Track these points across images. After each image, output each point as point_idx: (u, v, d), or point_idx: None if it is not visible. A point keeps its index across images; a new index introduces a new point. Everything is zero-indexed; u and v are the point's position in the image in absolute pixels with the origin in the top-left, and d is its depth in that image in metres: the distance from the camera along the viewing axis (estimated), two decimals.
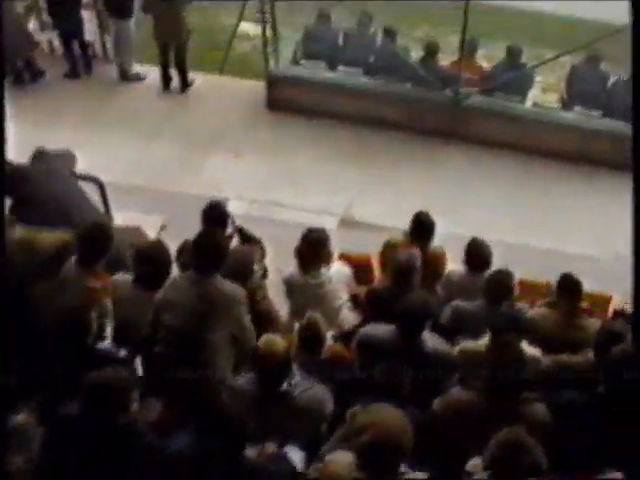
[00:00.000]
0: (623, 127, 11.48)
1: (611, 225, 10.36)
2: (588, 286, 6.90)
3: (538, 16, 14.96)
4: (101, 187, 8.19)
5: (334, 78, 12.44)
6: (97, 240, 6.41)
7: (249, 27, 13.70)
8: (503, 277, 6.75)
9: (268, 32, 12.18)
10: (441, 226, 7.65)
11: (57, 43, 13.20)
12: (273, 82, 12.50)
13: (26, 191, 7.10)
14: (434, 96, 12.01)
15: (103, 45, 13.39)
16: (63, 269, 6.38)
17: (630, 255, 5.23)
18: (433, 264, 7.44)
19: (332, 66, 12.55)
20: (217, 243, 6.17)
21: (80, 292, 6.21)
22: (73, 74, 13.06)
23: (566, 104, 12.23)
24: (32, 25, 13.11)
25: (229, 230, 7.22)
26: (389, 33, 12.32)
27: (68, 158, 7.85)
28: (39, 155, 7.54)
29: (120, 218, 8.36)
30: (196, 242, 6.15)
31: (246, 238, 7.33)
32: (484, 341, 6.03)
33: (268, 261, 7.23)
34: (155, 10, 12.24)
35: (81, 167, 8.00)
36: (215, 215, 7.15)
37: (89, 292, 6.23)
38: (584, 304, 6.87)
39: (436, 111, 12.07)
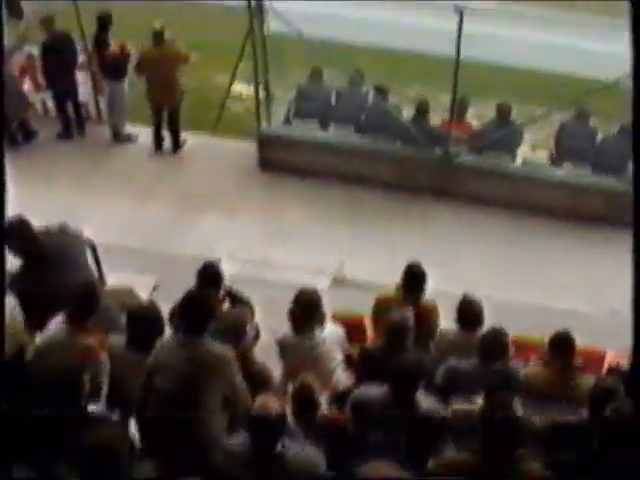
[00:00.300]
0: (613, 183, 11.59)
1: (603, 281, 10.42)
2: (581, 342, 6.89)
3: (526, 72, 15.13)
4: (93, 248, 8.20)
5: (326, 137, 12.53)
6: (86, 298, 6.51)
7: (242, 87, 13.81)
8: (497, 335, 6.72)
9: (261, 92, 12.30)
10: (433, 283, 7.67)
11: (51, 104, 13.26)
12: (265, 142, 12.58)
13: (44, 252, 7.16)
14: (425, 155, 12.09)
15: (97, 106, 13.47)
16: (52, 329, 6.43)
17: (625, 311, 5.23)
18: (426, 317, 7.46)
19: (324, 125, 12.64)
20: (203, 303, 6.16)
21: (73, 351, 6.23)
22: (66, 135, 13.14)
23: (556, 161, 12.30)
24: (27, 86, 13.19)
25: (220, 292, 7.22)
26: (380, 91, 12.43)
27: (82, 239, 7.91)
28: (63, 228, 7.61)
29: (113, 279, 8.37)
30: (182, 304, 6.16)
31: (236, 300, 7.33)
32: (478, 401, 6.01)
33: (260, 322, 7.22)
34: (149, 71, 12.34)
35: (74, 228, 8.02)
36: (209, 276, 7.16)
37: (85, 351, 6.25)
38: (578, 360, 6.86)
39: (427, 169, 12.15)
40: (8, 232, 6.88)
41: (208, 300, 6.30)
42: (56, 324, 6.47)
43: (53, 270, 7.03)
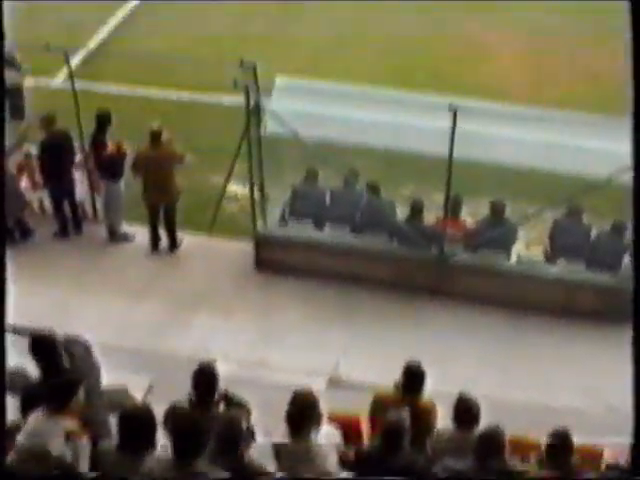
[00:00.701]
0: (607, 279, 11.61)
1: (600, 377, 10.37)
2: (579, 439, 6.85)
3: (519, 171, 15.25)
4: (87, 348, 8.18)
5: (321, 237, 12.59)
6: (65, 387, 6.56)
7: (237, 188, 13.91)
8: (494, 434, 6.69)
9: (256, 193, 12.39)
10: (429, 383, 7.65)
11: (48, 203, 13.31)
12: (261, 242, 12.64)
13: (64, 368, 7.19)
14: (420, 254, 12.14)
15: (93, 205, 13.54)
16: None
17: (623, 406, 5.21)
18: (424, 417, 7.43)
19: (319, 225, 12.71)
20: (196, 428, 6.13)
21: (59, 440, 6.21)
22: (63, 234, 13.19)
23: (550, 258, 12.34)
24: (24, 184, 13.26)
25: (215, 396, 7.17)
26: (373, 189, 12.52)
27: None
28: (83, 343, 7.68)
29: (107, 379, 8.31)
30: (175, 427, 6.12)
31: (231, 403, 7.27)
32: None
33: (256, 423, 7.15)
34: (145, 171, 12.44)
35: (70, 327, 8.03)
36: (205, 378, 7.12)
37: (70, 436, 6.23)
38: (576, 458, 6.80)
39: (423, 268, 12.20)
40: (35, 346, 7.00)
41: (202, 424, 6.24)
42: (35, 416, 6.46)
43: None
